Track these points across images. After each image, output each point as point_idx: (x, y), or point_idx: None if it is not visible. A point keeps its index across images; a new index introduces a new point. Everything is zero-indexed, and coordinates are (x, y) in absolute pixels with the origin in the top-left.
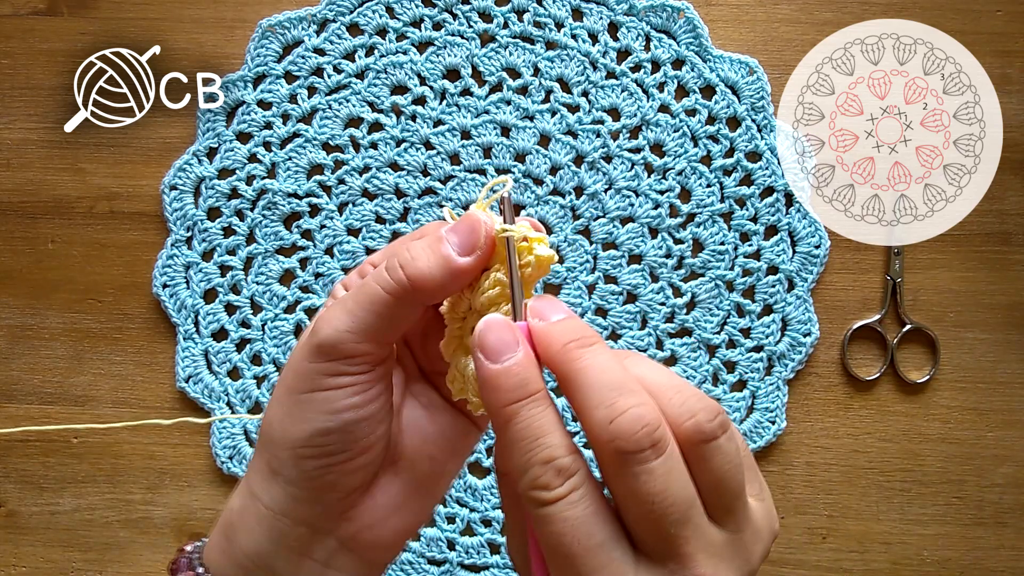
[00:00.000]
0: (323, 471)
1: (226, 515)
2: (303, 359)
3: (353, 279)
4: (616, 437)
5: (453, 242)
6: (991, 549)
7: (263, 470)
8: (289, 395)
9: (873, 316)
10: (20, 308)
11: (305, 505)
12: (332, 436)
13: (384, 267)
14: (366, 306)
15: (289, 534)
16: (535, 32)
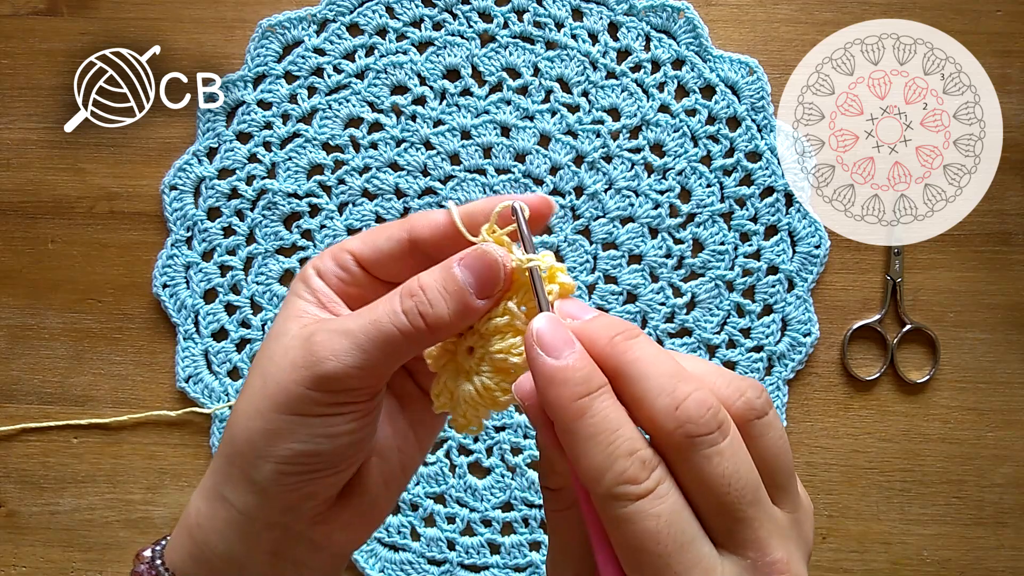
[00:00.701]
0: (305, 484)
1: (191, 518)
2: (299, 384)
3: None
4: (684, 422)
5: (469, 283)
6: (991, 549)
7: (235, 476)
8: (277, 413)
9: (873, 316)
10: (20, 308)
11: (280, 511)
12: (322, 457)
13: (400, 308)
14: (380, 346)
15: (262, 536)
16: (535, 32)
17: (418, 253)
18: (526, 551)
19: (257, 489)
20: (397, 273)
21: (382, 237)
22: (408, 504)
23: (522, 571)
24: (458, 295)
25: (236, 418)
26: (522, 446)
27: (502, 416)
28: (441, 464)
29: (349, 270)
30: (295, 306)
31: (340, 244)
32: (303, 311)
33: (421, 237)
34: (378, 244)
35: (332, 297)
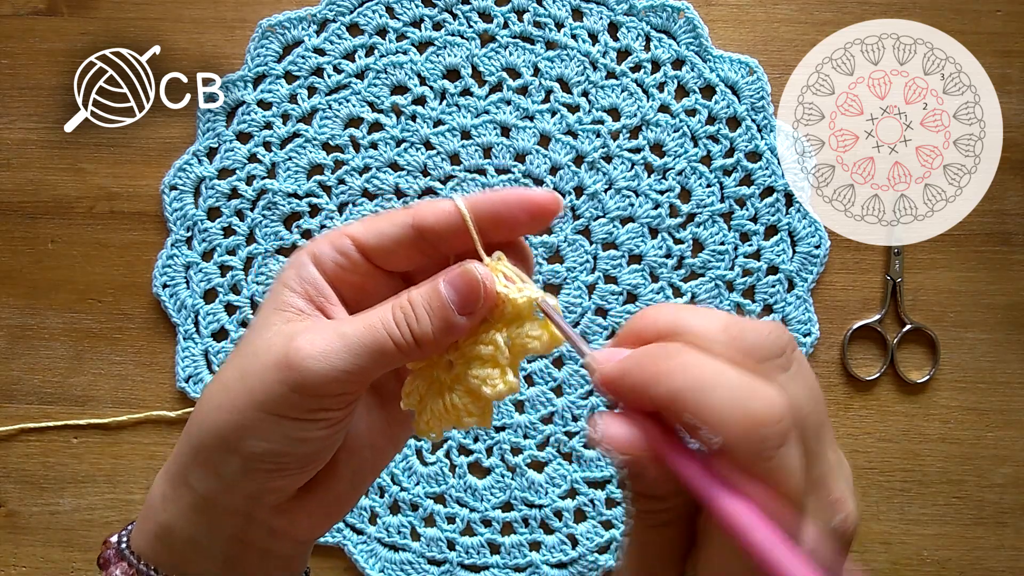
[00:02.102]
0: (269, 479)
1: (155, 502)
2: (282, 384)
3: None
4: (759, 426)
5: (452, 300)
6: (991, 549)
7: (200, 463)
8: (255, 410)
9: (873, 316)
10: (20, 308)
11: (243, 500)
12: (291, 457)
13: (392, 318)
14: (370, 353)
15: (224, 521)
16: (535, 32)
17: (422, 242)
18: (526, 551)
19: (221, 478)
20: (398, 261)
21: (385, 223)
22: (408, 504)
23: (522, 571)
24: (441, 311)
25: (207, 407)
26: (522, 446)
27: (502, 416)
28: (441, 464)
29: (348, 256)
30: (281, 298)
31: (339, 228)
32: (288, 304)
33: (427, 225)
34: (381, 230)
35: (322, 289)
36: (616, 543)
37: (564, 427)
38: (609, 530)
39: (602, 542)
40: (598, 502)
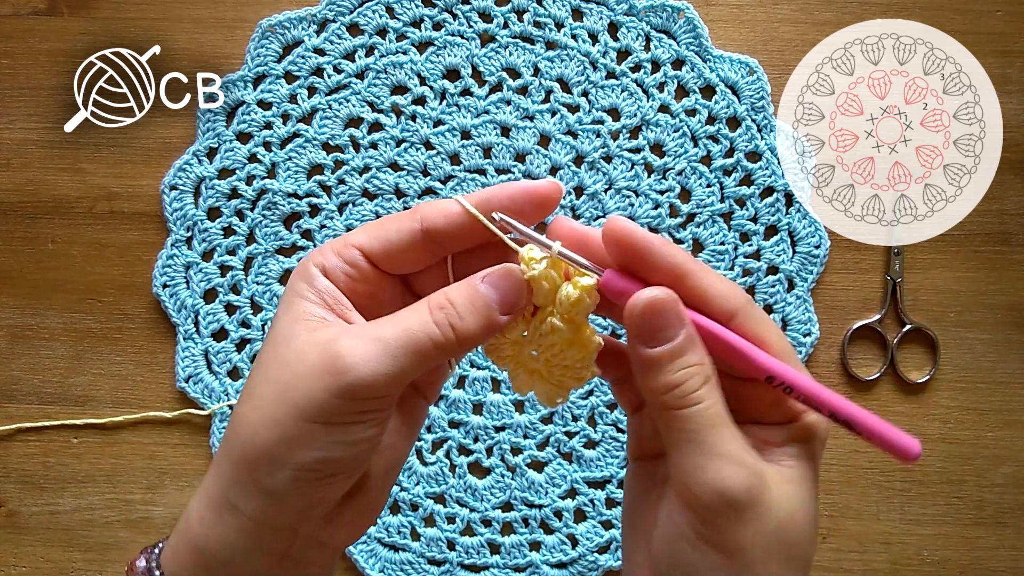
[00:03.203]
0: (320, 488)
1: (193, 527)
2: (327, 391)
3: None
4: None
5: (494, 299)
6: (991, 549)
7: (246, 483)
8: (299, 420)
9: (873, 316)
10: (20, 308)
11: (293, 516)
12: (340, 462)
13: (433, 319)
14: (411, 354)
15: (271, 540)
16: (535, 32)
17: (431, 244)
18: (526, 551)
19: (270, 496)
20: (406, 265)
21: (391, 230)
22: (408, 504)
23: (522, 571)
24: (484, 311)
25: (247, 426)
26: (522, 446)
27: (502, 416)
28: (441, 464)
29: (358, 266)
30: (300, 308)
31: (342, 239)
32: (310, 314)
33: (435, 228)
34: (388, 237)
35: (339, 298)
36: (616, 543)
37: (564, 427)
38: (609, 530)
39: (602, 542)
40: (598, 502)
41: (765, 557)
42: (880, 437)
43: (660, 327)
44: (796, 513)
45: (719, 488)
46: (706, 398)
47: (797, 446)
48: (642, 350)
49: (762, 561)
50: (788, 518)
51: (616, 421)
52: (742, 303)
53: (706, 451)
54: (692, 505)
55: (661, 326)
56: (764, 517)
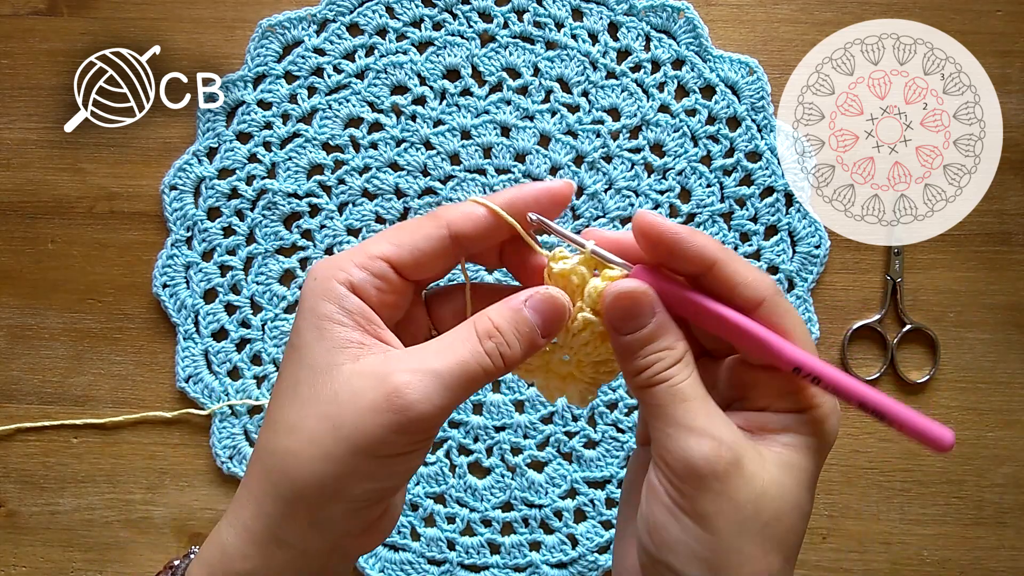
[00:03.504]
0: (368, 512)
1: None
2: (385, 427)
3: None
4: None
5: (537, 323)
6: (991, 549)
7: (299, 519)
8: (354, 456)
9: (873, 316)
10: (20, 308)
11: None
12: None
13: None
14: (465, 385)
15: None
16: (535, 32)
17: (457, 248)
18: (526, 551)
19: (323, 529)
20: (433, 272)
21: (419, 238)
22: (408, 504)
23: (522, 571)
24: (529, 336)
25: (295, 461)
26: (522, 446)
27: (502, 416)
28: (441, 464)
29: (387, 279)
30: (335, 334)
31: (364, 251)
32: (347, 340)
33: (464, 232)
34: (417, 246)
35: (372, 318)
36: None
37: (564, 427)
38: (609, 530)
39: (602, 542)
40: (598, 502)
41: (738, 530)
42: (912, 427)
43: (630, 316)
44: (776, 496)
45: (683, 456)
46: (675, 375)
47: (796, 436)
48: (617, 337)
49: (734, 534)
50: (764, 497)
51: (616, 421)
52: (770, 292)
53: (674, 423)
54: (665, 474)
55: (631, 315)
56: (734, 490)
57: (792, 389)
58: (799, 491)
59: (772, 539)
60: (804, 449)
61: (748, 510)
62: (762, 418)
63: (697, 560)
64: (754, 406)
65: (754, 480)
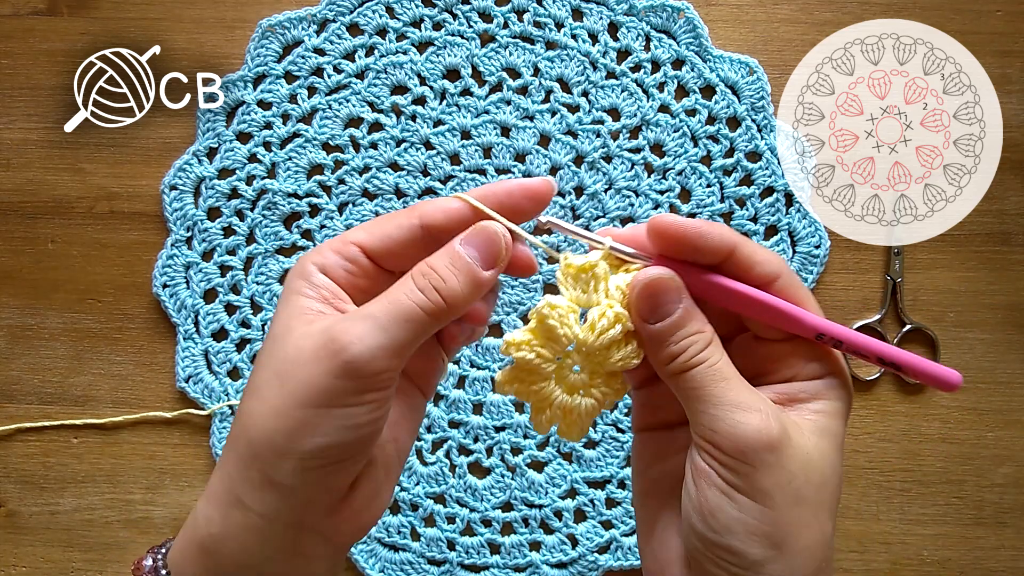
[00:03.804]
0: (326, 477)
1: (200, 528)
2: (325, 374)
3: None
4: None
5: (473, 256)
6: (991, 549)
7: (254, 479)
8: (300, 408)
9: (873, 316)
10: (20, 308)
11: (300, 508)
12: (345, 447)
13: (416, 286)
14: (402, 324)
15: (280, 537)
16: (535, 32)
17: (430, 240)
18: (526, 551)
19: (277, 489)
20: (406, 262)
21: (391, 226)
22: (408, 504)
23: (522, 571)
24: (466, 269)
25: (250, 420)
26: (522, 446)
27: (502, 416)
28: (441, 464)
29: (358, 263)
30: (298, 304)
31: (341, 237)
32: (308, 309)
33: (435, 224)
34: (388, 234)
35: (338, 293)
36: (616, 543)
37: None
38: (609, 530)
39: (602, 542)
40: (598, 502)
41: (794, 500)
42: (923, 373)
43: (659, 304)
44: (820, 461)
45: (735, 432)
46: (709, 357)
47: (826, 402)
48: (647, 327)
49: (791, 504)
50: (811, 464)
51: (616, 421)
52: (784, 268)
53: (718, 402)
54: (716, 456)
55: (660, 303)
56: (787, 460)
57: (818, 356)
58: (836, 455)
59: (823, 504)
60: (834, 414)
61: (800, 479)
62: (791, 388)
63: (758, 537)
64: (779, 378)
65: (801, 449)
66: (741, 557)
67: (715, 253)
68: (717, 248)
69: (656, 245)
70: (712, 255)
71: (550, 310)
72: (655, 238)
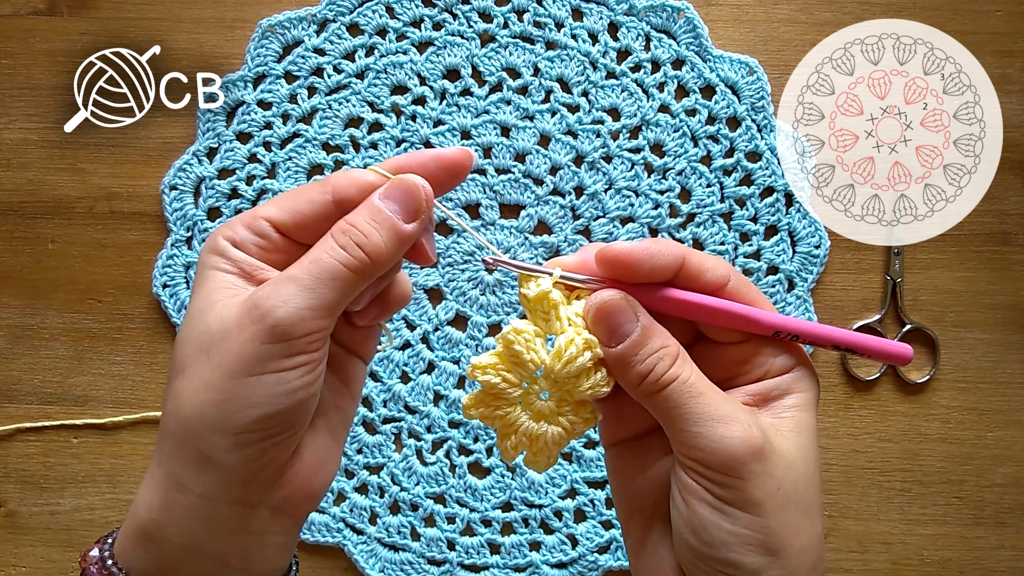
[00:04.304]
0: (265, 451)
1: (141, 514)
2: (252, 341)
3: (242, 234)
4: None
5: (394, 210)
6: (991, 549)
7: (190, 459)
8: (230, 379)
9: (873, 316)
10: (20, 308)
11: (241, 485)
12: (280, 417)
13: (337, 244)
14: (327, 283)
15: (225, 515)
16: (535, 32)
17: (342, 214)
18: (526, 551)
19: (215, 467)
20: (319, 235)
21: (302, 200)
22: (408, 504)
23: (522, 571)
24: (387, 222)
25: (180, 399)
26: None
27: None
28: (441, 464)
29: (268, 237)
30: (216, 279)
31: (251, 212)
32: (228, 283)
33: (349, 199)
34: (298, 208)
35: (256, 264)
36: (616, 543)
37: None
38: (609, 530)
39: (602, 542)
40: (598, 502)
41: (784, 504)
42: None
43: (615, 325)
44: (802, 460)
45: (719, 447)
46: (680, 372)
47: (798, 395)
48: (609, 350)
49: (781, 509)
50: (795, 466)
51: None
52: (731, 272)
53: (697, 419)
54: (700, 471)
55: (616, 324)
56: (773, 467)
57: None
58: (814, 448)
59: (810, 502)
60: (807, 406)
61: (787, 483)
62: (762, 387)
63: (754, 546)
64: (748, 379)
65: (783, 452)
66: (739, 568)
67: (666, 271)
68: (668, 266)
69: (608, 273)
70: (664, 273)
71: (516, 335)
72: (605, 268)
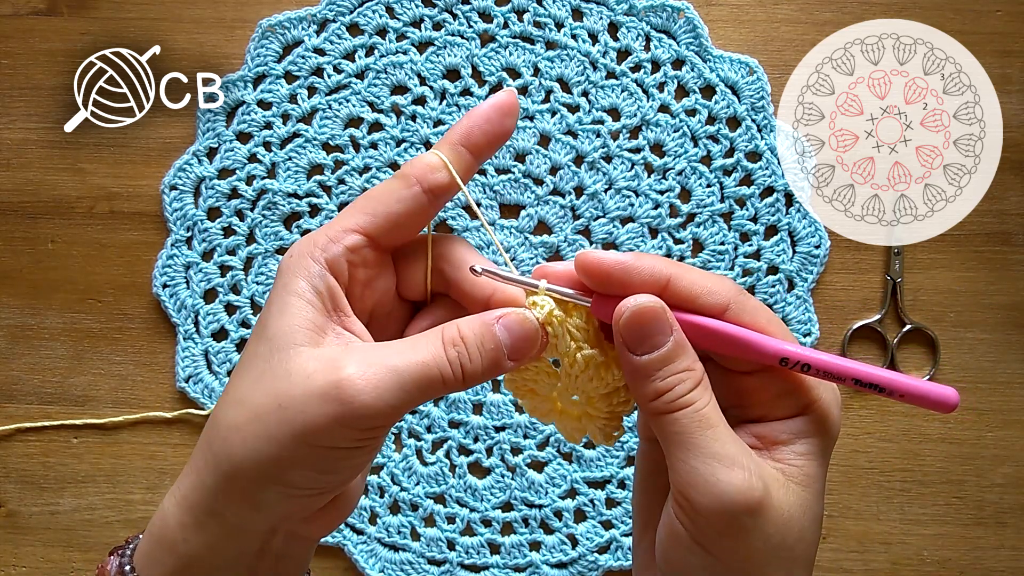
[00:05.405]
0: (309, 501)
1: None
2: (330, 419)
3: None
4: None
5: (506, 343)
6: (991, 549)
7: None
8: (299, 444)
9: (873, 316)
10: (20, 308)
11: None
12: (335, 481)
13: (447, 357)
14: (422, 388)
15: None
16: (535, 32)
17: (435, 203)
18: (526, 551)
19: (258, 507)
20: (407, 234)
21: (391, 202)
22: (408, 504)
23: (522, 571)
24: (494, 354)
25: (237, 435)
26: (522, 446)
27: (502, 416)
28: (441, 464)
29: (360, 252)
30: (300, 312)
31: (336, 228)
32: (310, 321)
33: (439, 185)
34: (391, 210)
35: (340, 302)
36: (616, 543)
37: None
38: (609, 530)
39: (602, 542)
40: (598, 502)
41: (766, 560)
42: (912, 394)
43: (648, 335)
44: (800, 517)
45: (715, 491)
46: (697, 400)
47: (806, 442)
48: (631, 358)
49: (762, 564)
50: (791, 522)
51: None
52: (733, 295)
53: (700, 453)
54: (689, 513)
55: (650, 333)
56: (764, 523)
57: (789, 388)
58: (818, 504)
59: (797, 559)
60: (817, 455)
61: (776, 539)
62: (769, 430)
63: None
64: (753, 415)
65: (782, 508)
66: None
67: (647, 285)
68: (646, 282)
69: (587, 281)
70: (645, 287)
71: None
72: (583, 275)
